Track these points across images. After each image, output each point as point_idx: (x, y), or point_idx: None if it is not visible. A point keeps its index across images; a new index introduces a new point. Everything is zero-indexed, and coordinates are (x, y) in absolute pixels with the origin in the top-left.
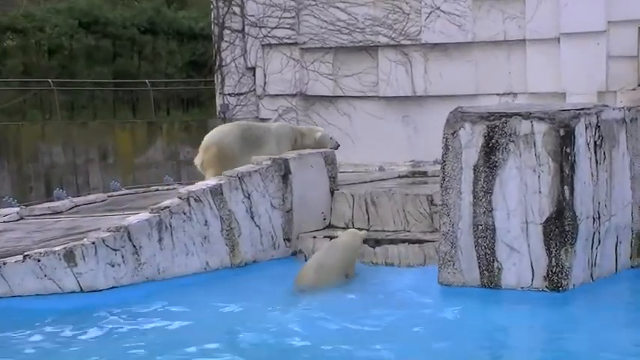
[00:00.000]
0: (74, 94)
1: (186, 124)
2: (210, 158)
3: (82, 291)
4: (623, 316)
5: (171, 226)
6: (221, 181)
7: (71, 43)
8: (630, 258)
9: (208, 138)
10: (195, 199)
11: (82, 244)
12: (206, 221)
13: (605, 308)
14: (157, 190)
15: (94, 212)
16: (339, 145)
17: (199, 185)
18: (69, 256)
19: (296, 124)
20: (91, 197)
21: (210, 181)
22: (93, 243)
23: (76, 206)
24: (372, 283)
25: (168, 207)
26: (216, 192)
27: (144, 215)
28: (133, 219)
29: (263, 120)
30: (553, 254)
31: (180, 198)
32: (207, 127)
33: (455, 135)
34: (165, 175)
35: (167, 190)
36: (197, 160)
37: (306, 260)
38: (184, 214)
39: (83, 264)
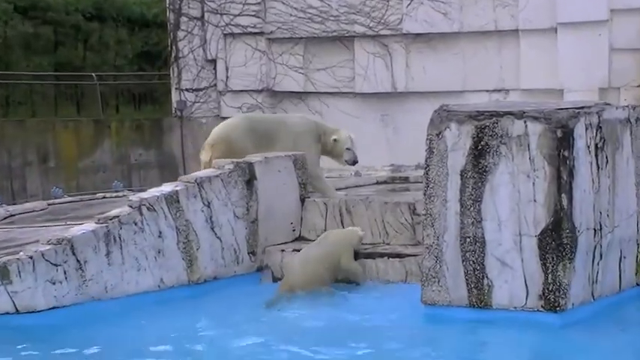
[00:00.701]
0: (9, 87)
1: (138, 123)
2: (219, 156)
3: (17, 312)
4: (628, 341)
5: (120, 238)
6: (177, 188)
7: (5, 30)
8: (636, 274)
9: (215, 132)
10: (147, 208)
11: (18, 259)
12: (160, 233)
13: (608, 332)
14: (104, 197)
15: (32, 222)
16: (356, 161)
17: (152, 192)
18: (3, 272)
19: None
20: (29, 205)
21: (165, 188)
22: (30, 257)
23: (12, 215)
24: (346, 302)
25: (118, 217)
26: (172, 200)
27: (89, 226)
28: (76, 230)
29: (224, 119)
30: (549, 270)
31: (130, 206)
32: (161, 127)
33: (440, 136)
34: (114, 180)
35: (116, 197)
36: (204, 158)
37: (273, 276)
38: (135, 224)
39: (19, 281)
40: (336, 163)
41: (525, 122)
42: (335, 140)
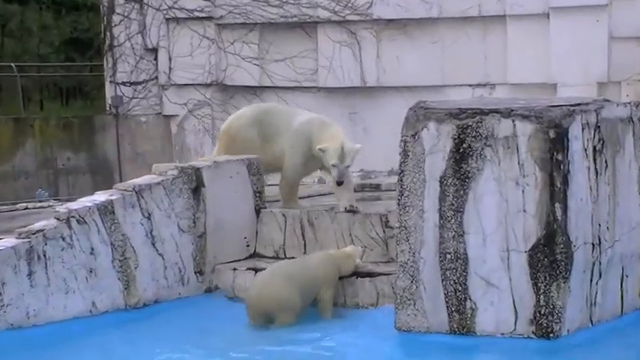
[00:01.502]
0: None
1: (66, 122)
2: (224, 150)
3: None
4: None
5: (45, 255)
6: (112, 197)
7: None
8: (639, 296)
9: (224, 124)
10: (77, 221)
11: None
12: (92, 249)
13: None
14: (26, 208)
15: None
16: (339, 182)
17: (83, 202)
18: None
19: (212, 121)
20: None
21: (98, 197)
22: None
23: None
24: (308, 330)
25: (42, 231)
26: (106, 211)
27: (9, 242)
28: None
29: (166, 117)
30: (541, 291)
31: (58, 219)
32: (93, 126)
33: (416, 137)
34: (37, 188)
35: (40, 208)
36: (214, 153)
37: (225, 299)
38: (63, 239)
39: None
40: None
41: (513, 121)
42: (321, 151)
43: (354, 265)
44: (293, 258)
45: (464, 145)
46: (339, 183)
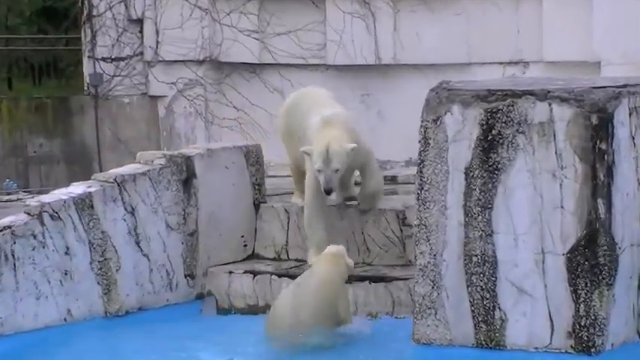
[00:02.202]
0: None
1: (38, 103)
2: (280, 136)
3: None
4: None
5: (14, 255)
6: (91, 189)
7: None
8: None
9: None
10: (51, 216)
11: None
12: (68, 249)
13: None
14: None
15: None
16: (327, 190)
17: (57, 195)
18: None
19: (205, 103)
20: None
21: (75, 189)
22: None
23: None
24: (313, 345)
25: (10, 227)
26: (84, 205)
27: None
28: None
29: (152, 98)
30: (581, 299)
31: (28, 214)
32: (69, 108)
33: (438, 123)
34: (4, 179)
35: (8, 201)
36: None
37: (217, 306)
38: (34, 237)
39: None
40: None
41: (550, 105)
42: (305, 154)
43: (348, 268)
44: (297, 260)
45: (493, 132)
46: (328, 191)
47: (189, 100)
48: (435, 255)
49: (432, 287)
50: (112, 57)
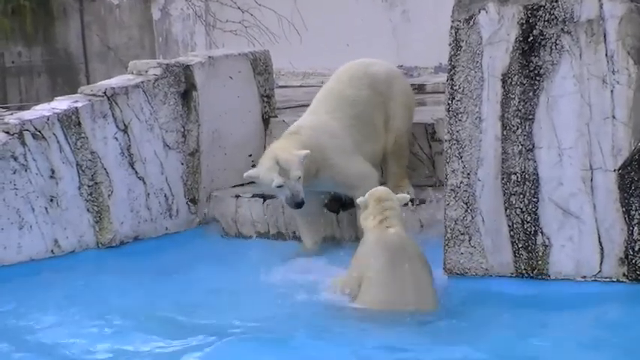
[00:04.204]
0: None
1: (15, 6)
2: None
3: None
4: None
5: None
6: (77, 104)
7: None
8: None
9: None
10: (33, 135)
11: None
12: (53, 172)
13: None
14: None
15: None
16: (299, 203)
17: (40, 111)
18: None
19: (205, 4)
20: None
21: (59, 104)
22: None
23: None
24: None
25: None
26: (70, 122)
27: None
28: None
29: (147, 2)
30: (635, 221)
31: (7, 132)
32: (50, 11)
33: (471, 23)
34: None
35: None
36: None
37: (223, 235)
38: (15, 159)
39: None
40: None
41: (600, 0)
42: (252, 178)
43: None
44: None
45: (534, 33)
46: (298, 204)
47: (188, 0)
48: (468, 174)
49: (466, 210)
50: None
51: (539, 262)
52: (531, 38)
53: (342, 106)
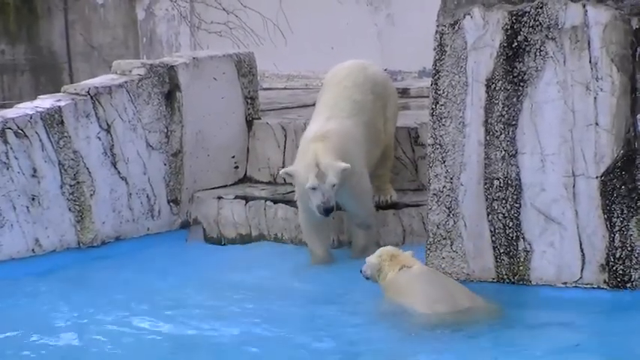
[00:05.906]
0: None
1: None
2: None
3: None
4: None
5: None
6: (60, 103)
7: None
8: None
9: None
10: (15, 133)
11: None
12: (35, 170)
13: None
14: None
15: None
16: (329, 209)
17: (23, 109)
18: None
19: (190, 5)
20: None
21: (42, 102)
22: None
23: None
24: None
25: None
26: (53, 121)
27: None
28: None
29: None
30: (617, 228)
31: None
32: (34, 9)
33: (456, 28)
34: None
35: None
36: None
37: (205, 235)
38: None
39: None
40: None
41: (584, 6)
42: (288, 176)
43: None
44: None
45: (518, 38)
46: (328, 210)
47: (172, 1)
48: (451, 178)
49: (448, 215)
50: None
51: (521, 268)
52: (516, 44)
53: (357, 112)
